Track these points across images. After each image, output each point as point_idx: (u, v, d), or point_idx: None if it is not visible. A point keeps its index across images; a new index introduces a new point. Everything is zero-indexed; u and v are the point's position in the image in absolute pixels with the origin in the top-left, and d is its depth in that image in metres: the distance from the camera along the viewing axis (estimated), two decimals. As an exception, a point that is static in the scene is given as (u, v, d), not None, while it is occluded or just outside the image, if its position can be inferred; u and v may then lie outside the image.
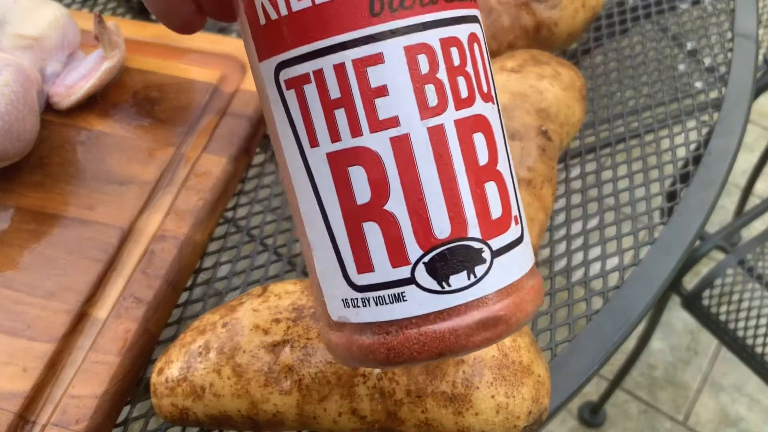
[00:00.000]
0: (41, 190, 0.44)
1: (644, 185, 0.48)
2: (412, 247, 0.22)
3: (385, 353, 0.23)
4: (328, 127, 0.22)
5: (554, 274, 0.44)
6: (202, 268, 0.44)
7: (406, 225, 0.22)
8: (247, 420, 0.33)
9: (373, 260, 0.22)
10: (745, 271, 0.87)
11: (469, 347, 0.23)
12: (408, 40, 0.21)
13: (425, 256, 0.22)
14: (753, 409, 1.19)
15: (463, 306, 0.22)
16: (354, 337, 0.23)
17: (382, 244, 0.22)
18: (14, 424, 0.35)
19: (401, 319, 0.22)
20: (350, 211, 0.22)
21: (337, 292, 0.24)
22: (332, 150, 0.22)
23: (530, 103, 0.43)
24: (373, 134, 0.21)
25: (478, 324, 0.22)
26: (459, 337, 0.22)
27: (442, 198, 0.22)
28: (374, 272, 0.22)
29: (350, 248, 0.23)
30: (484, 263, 0.23)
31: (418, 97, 0.21)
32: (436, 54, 0.22)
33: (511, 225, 0.24)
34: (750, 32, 0.57)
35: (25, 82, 0.43)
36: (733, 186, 1.43)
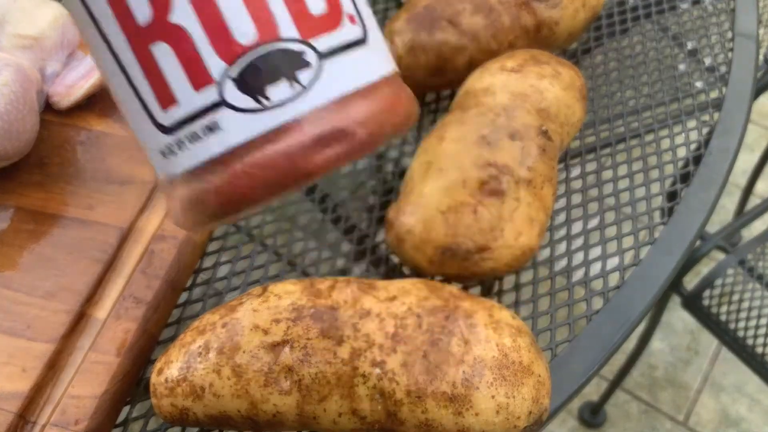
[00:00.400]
0: (41, 190, 0.44)
1: (644, 185, 0.48)
2: (212, 60, 0.18)
3: (216, 199, 0.19)
4: None
5: (554, 274, 0.44)
6: (202, 268, 0.44)
7: (200, 37, 0.18)
8: (247, 420, 0.33)
9: (174, 89, 0.19)
10: (746, 271, 0.87)
11: (310, 170, 0.19)
12: None
13: (231, 69, 0.19)
14: (753, 409, 1.19)
15: (293, 123, 0.19)
16: (183, 193, 0.20)
17: (178, 66, 0.19)
18: (14, 424, 0.35)
19: (223, 154, 0.19)
20: (134, 34, 0.19)
21: (152, 143, 0.20)
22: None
23: (530, 103, 0.43)
24: None
25: (314, 141, 0.19)
26: (294, 160, 0.19)
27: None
28: (178, 104, 0.19)
29: (147, 81, 0.19)
30: (308, 67, 0.19)
31: None
32: None
33: (342, 22, 0.20)
34: (750, 32, 0.57)
35: (25, 81, 0.43)
36: (734, 186, 1.43)
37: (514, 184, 0.40)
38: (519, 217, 0.40)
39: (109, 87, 0.20)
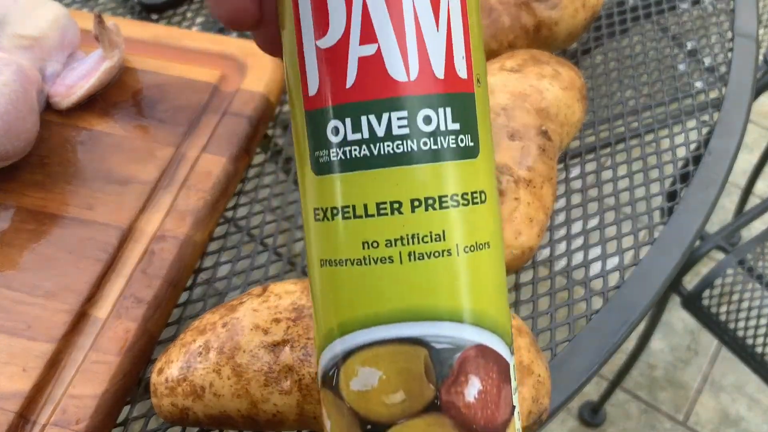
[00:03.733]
0: (41, 189, 0.44)
1: (644, 185, 0.48)
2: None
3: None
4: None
5: (554, 274, 0.44)
6: (202, 268, 0.44)
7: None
8: (247, 420, 0.33)
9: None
10: (745, 271, 0.87)
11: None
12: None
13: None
14: (753, 409, 1.19)
15: None
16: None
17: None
18: (14, 424, 0.35)
19: None
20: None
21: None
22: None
23: (530, 103, 0.43)
24: None
25: None
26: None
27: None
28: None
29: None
30: None
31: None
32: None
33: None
34: (750, 32, 0.57)
35: (25, 82, 0.43)
36: (734, 186, 1.43)
37: (514, 184, 0.40)
38: (518, 216, 0.40)
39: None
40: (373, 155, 0.21)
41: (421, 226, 0.21)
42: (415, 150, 0.21)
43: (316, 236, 0.23)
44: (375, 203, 0.21)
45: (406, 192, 0.21)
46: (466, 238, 0.22)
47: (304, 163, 0.23)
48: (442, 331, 0.21)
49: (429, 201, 0.21)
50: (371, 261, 0.21)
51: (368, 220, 0.21)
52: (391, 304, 0.21)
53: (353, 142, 0.21)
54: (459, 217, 0.22)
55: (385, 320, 0.21)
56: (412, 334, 0.21)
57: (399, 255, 0.21)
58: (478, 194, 0.22)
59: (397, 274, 0.21)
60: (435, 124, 0.21)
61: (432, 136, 0.21)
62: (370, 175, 0.21)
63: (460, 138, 0.22)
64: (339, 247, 0.22)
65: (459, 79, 0.22)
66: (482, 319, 0.22)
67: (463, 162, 0.22)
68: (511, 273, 0.42)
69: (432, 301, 0.21)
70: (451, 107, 0.22)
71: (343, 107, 0.21)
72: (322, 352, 0.23)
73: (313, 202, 0.23)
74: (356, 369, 0.22)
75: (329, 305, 0.23)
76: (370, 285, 0.22)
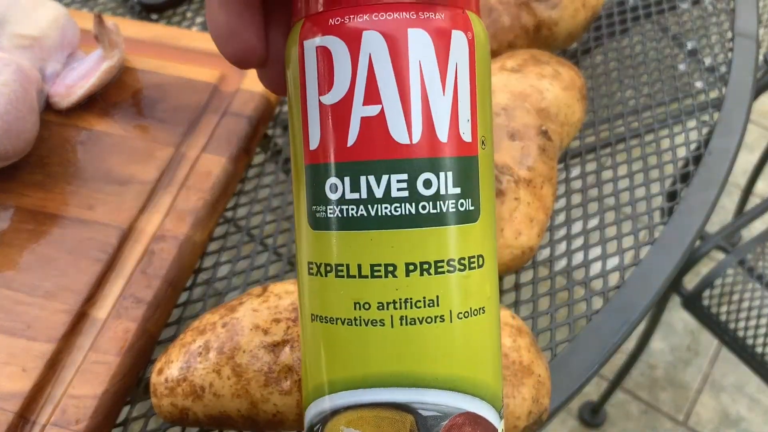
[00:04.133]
0: (41, 190, 0.44)
1: (644, 185, 0.48)
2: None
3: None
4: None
5: (554, 274, 0.44)
6: (202, 268, 0.44)
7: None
8: (247, 420, 0.33)
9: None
10: (746, 271, 0.87)
11: None
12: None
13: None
14: (753, 409, 1.19)
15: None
16: None
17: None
18: (14, 424, 0.35)
19: None
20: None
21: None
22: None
23: (530, 103, 0.43)
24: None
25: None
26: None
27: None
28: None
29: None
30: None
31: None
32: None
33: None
34: (750, 32, 0.57)
35: (25, 81, 0.43)
36: (734, 186, 1.43)
37: (514, 184, 0.40)
38: (519, 216, 0.40)
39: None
40: (370, 216, 0.21)
41: (414, 291, 0.21)
42: (413, 214, 0.21)
43: (308, 290, 0.22)
44: (369, 264, 0.21)
45: (401, 255, 0.21)
46: (461, 304, 0.21)
47: (300, 214, 0.23)
48: (430, 398, 0.21)
49: (424, 266, 0.21)
50: (362, 322, 0.21)
51: (361, 281, 0.21)
52: (379, 368, 0.21)
53: (351, 201, 0.21)
54: (454, 283, 0.21)
55: (373, 383, 0.21)
56: (398, 400, 0.21)
57: (391, 319, 0.21)
58: (475, 259, 0.22)
59: (387, 337, 0.21)
60: (435, 188, 0.21)
61: (431, 200, 0.21)
62: (365, 235, 0.21)
63: (461, 202, 0.21)
64: (330, 304, 0.22)
65: (463, 143, 0.21)
66: (472, 386, 0.22)
67: (462, 227, 0.21)
68: (511, 273, 0.42)
69: (421, 367, 0.21)
70: (452, 171, 0.21)
71: (343, 166, 0.21)
72: (309, 405, 0.23)
73: (307, 255, 0.22)
74: (341, 429, 0.22)
75: (318, 361, 0.22)
76: (359, 346, 0.21)
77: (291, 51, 0.22)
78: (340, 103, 0.21)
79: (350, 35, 0.21)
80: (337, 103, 0.21)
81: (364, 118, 0.21)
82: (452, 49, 0.21)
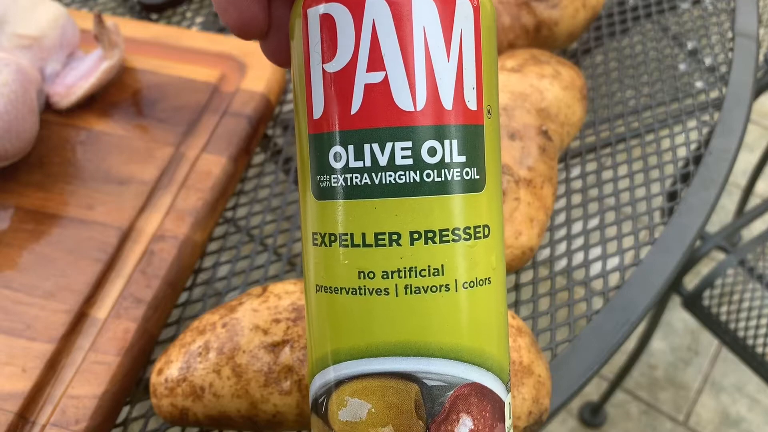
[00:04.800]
0: (41, 189, 0.44)
1: (645, 185, 0.48)
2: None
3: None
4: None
5: (554, 274, 0.44)
6: (202, 268, 0.44)
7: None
8: (247, 420, 0.33)
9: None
10: (746, 271, 0.87)
11: None
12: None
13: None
14: (753, 409, 1.19)
15: None
16: None
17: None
18: (14, 424, 0.35)
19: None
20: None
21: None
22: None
23: (530, 103, 0.43)
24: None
25: None
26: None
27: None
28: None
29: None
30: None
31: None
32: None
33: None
34: (751, 32, 0.57)
35: (25, 81, 0.43)
36: (734, 186, 1.43)
37: (514, 184, 0.40)
38: (519, 216, 0.40)
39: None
40: (374, 184, 0.21)
41: (419, 260, 0.21)
42: (418, 181, 0.21)
43: (313, 261, 0.22)
44: (373, 233, 0.21)
45: (405, 224, 0.21)
46: (466, 274, 0.21)
47: (305, 185, 0.22)
48: (435, 367, 0.21)
49: (429, 234, 0.21)
50: (366, 291, 0.21)
51: (366, 250, 0.21)
52: (384, 337, 0.21)
53: (355, 169, 0.21)
54: (459, 252, 0.21)
55: (378, 353, 0.21)
56: (403, 369, 0.21)
57: (395, 287, 0.21)
58: (481, 229, 0.22)
59: (391, 306, 0.21)
60: (440, 156, 0.21)
61: (436, 168, 0.21)
62: (370, 204, 0.21)
63: (466, 171, 0.21)
64: (335, 274, 0.22)
65: (468, 111, 0.21)
66: (478, 356, 0.22)
67: (467, 195, 0.21)
68: (512, 273, 0.42)
69: (426, 336, 0.21)
70: (457, 139, 0.21)
71: (347, 134, 0.21)
72: (313, 377, 0.23)
73: (312, 226, 0.22)
74: (345, 399, 0.22)
75: (323, 332, 0.22)
76: (364, 316, 0.21)
77: (295, 21, 0.22)
78: (344, 70, 0.21)
79: (354, 1, 0.20)
80: (340, 71, 0.21)
81: (368, 85, 0.21)
82: (457, 15, 0.21)
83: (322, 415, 0.22)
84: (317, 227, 0.22)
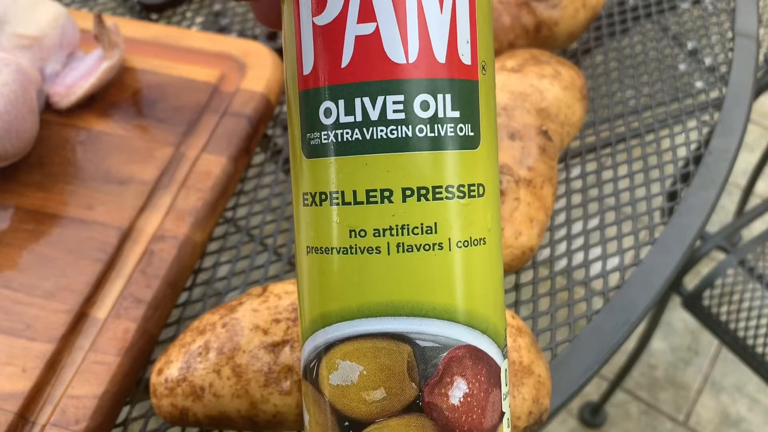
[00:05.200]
0: (40, 189, 0.44)
1: (645, 185, 0.48)
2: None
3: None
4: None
5: (554, 274, 0.44)
6: (202, 268, 0.44)
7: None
8: (247, 420, 0.33)
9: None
10: (746, 271, 0.87)
11: None
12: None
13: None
14: (754, 409, 1.19)
15: None
16: None
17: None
18: (14, 424, 0.35)
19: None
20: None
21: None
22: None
23: (530, 103, 0.43)
24: None
25: None
26: None
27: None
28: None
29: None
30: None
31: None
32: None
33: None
34: (751, 32, 0.57)
35: (25, 81, 0.43)
36: (734, 186, 1.43)
37: (514, 184, 0.40)
38: (519, 216, 0.40)
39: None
40: (365, 140, 0.20)
41: (411, 217, 0.20)
42: (410, 136, 0.20)
43: (303, 222, 0.22)
44: (365, 190, 0.20)
45: (397, 180, 0.20)
46: (460, 233, 0.21)
47: (296, 146, 0.22)
48: (429, 328, 0.21)
49: (422, 191, 0.20)
50: (358, 250, 0.21)
51: (357, 208, 0.20)
52: (376, 297, 0.21)
53: (345, 125, 0.20)
54: (453, 210, 0.21)
55: (370, 313, 0.21)
56: (396, 330, 0.20)
57: (387, 246, 0.20)
58: (475, 187, 0.21)
59: (383, 265, 0.20)
60: (433, 111, 0.20)
61: (429, 123, 0.20)
62: (361, 160, 0.20)
63: (460, 127, 0.21)
64: (326, 234, 0.21)
65: (462, 65, 0.21)
66: (472, 318, 0.21)
67: (461, 152, 0.21)
68: (512, 273, 0.42)
69: (419, 296, 0.20)
70: (451, 94, 0.21)
71: (337, 88, 0.20)
72: (305, 342, 0.22)
73: (302, 186, 0.22)
74: (336, 362, 0.21)
75: (313, 294, 0.22)
76: (355, 275, 0.21)
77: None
78: (334, 22, 0.20)
79: None
80: (330, 23, 0.20)
81: (359, 37, 0.20)
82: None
83: (313, 381, 0.22)
84: (308, 187, 0.22)
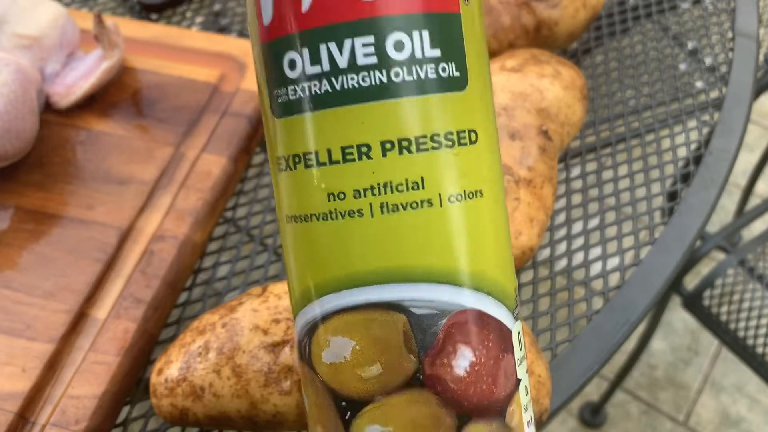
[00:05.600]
0: (40, 189, 0.44)
1: (645, 185, 0.48)
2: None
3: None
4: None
5: (554, 274, 0.44)
6: (202, 269, 0.44)
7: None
8: (247, 420, 0.33)
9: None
10: (746, 271, 0.87)
11: None
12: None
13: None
14: (753, 409, 1.19)
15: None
16: None
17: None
18: (14, 424, 0.35)
19: None
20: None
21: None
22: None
23: (530, 103, 0.43)
24: None
25: None
26: None
27: None
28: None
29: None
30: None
31: None
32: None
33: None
34: (751, 31, 0.57)
35: (25, 81, 0.43)
36: (734, 186, 1.43)
37: (514, 184, 0.40)
38: (519, 216, 0.40)
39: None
40: (336, 91, 0.18)
41: (394, 173, 0.18)
42: (385, 83, 0.18)
43: (281, 190, 0.20)
44: (339, 147, 0.18)
45: (375, 133, 0.18)
46: (451, 186, 0.19)
47: (265, 107, 0.20)
48: (423, 294, 0.18)
49: (404, 143, 0.18)
50: (338, 215, 0.18)
51: (333, 168, 0.18)
52: (363, 265, 0.18)
53: (312, 76, 0.18)
54: (441, 162, 0.18)
55: (358, 283, 0.19)
56: (387, 298, 0.18)
57: (369, 207, 0.18)
58: (465, 134, 0.19)
59: (367, 229, 0.18)
60: (409, 51, 0.18)
61: (405, 66, 0.18)
62: (332, 114, 0.18)
63: (442, 67, 0.18)
64: (303, 200, 0.19)
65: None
66: (474, 279, 0.19)
67: (445, 95, 0.18)
68: (512, 273, 0.42)
69: (409, 260, 0.18)
70: (429, 30, 0.18)
71: (299, 36, 0.18)
72: (295, 319, 0.20)
73: (275, 150, 0.20)
74: (327, 339, 0.19)
75: (298, 267, 0.20)
76: (338, 243, 0.19)
77: None
78: None
79: None
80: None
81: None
82: None
83: (307, 360, 0.20)
84: (281, 150, 0.19)
